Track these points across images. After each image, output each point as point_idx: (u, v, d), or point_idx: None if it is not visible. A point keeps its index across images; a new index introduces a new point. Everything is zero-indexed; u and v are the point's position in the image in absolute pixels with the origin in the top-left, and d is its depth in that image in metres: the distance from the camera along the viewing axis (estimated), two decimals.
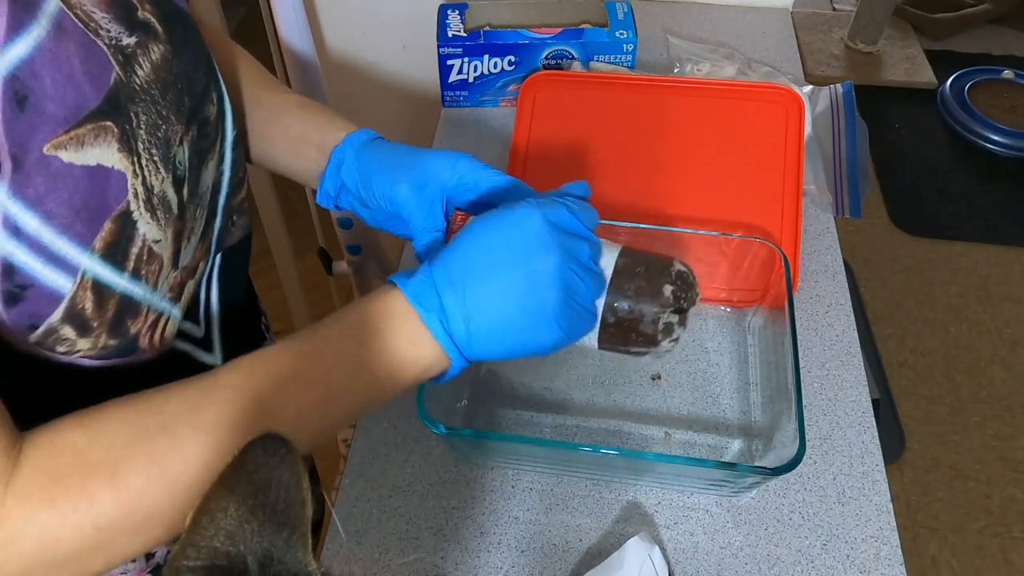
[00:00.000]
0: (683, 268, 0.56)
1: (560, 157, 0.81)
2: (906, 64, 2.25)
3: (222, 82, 0.53)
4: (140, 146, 0.42)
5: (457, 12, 0.93)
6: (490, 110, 0.97)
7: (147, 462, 0.37)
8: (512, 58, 0.91)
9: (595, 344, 0.55)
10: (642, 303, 0.53)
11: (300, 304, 1.63)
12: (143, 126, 0.42)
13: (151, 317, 0.47)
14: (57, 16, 0.38)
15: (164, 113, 0.44)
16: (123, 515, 0.37)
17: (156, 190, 0.44)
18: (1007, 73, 2.32)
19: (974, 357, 1.79)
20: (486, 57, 0.91)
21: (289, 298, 1.61)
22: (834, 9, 2.32)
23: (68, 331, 0.41)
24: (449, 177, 0.55)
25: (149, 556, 0.57)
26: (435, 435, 0.56)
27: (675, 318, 0.54)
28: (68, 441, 0.37)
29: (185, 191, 0.47)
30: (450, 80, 0.93)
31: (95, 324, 0.42)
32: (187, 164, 0.47)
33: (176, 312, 0.50)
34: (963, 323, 1.86)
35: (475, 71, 0.93)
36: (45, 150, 0.37)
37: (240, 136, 0.55)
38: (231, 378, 0.41)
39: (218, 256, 0.55)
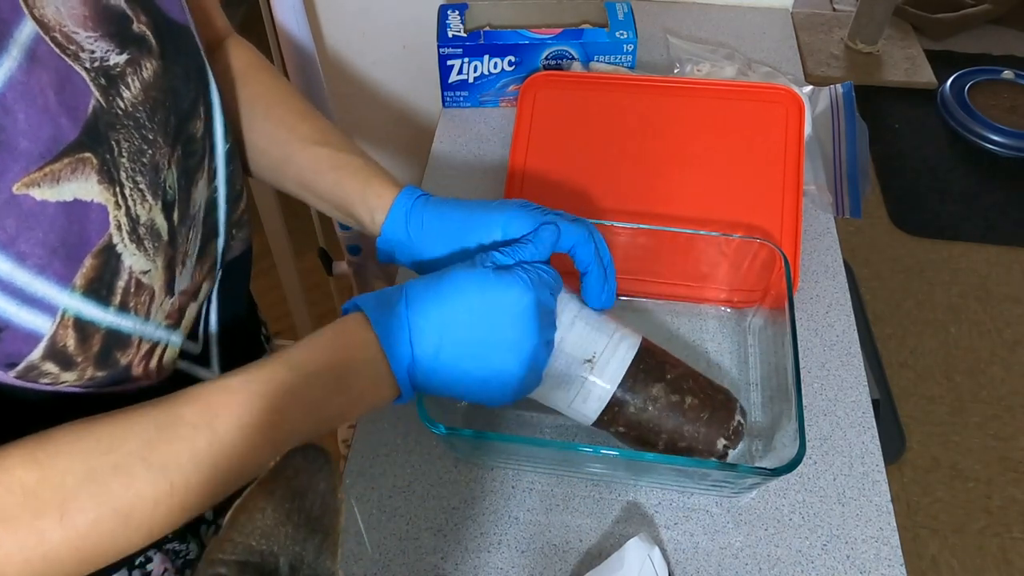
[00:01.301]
0: (741, 420, 0.59)
1: (560, 157, 0.81)
2: (906, 64, 2.25)
3: (215, 94, 0.51)
4: (123, 175, 0.40)
5: (457, 12, 0.93)
6: (490, 110, 0.97)
7: (98, 502, 0.36)
8: (512, 58, 0.91)
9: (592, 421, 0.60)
10: (695, 445, 0.58)
11: (300, 304, 1.63)
12: (125, 154, 0.40)
13: (144, 347, 0.45)
14: (31, 44, 0.35)
15: (151, 137, 0.42)
16: (72, 551, 0.36)
17: (143, 219, 0.42)
18: (1007, 73, 2.32)
19: (974, 357, 1.79)
20: (486, 57, 0.91)
21: (289, 298, 1.61)
22: (834, 9, 2.32)
23: (50, 366, 0.40)
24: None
25: (146, 574, 0.57)
26: (435, 435, 0.56)
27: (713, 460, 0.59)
28: (17, 478, 0.35)
29: (176, 215, 0.45)
30: (450, 80, 0.93)
31: (79, 360, 0.41)
32: (176, 187, 0.45)
33: (175, 338, 0.49)
34: (963, 323, 1.86)
35: (475, 71, 0.93)
36: (15, 189, 0.35)
37: (235, 148, 0.53)
38: (190, 415, 0.40)
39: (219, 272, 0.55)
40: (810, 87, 0.95)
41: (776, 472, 0.53)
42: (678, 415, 0.58)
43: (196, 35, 0.49)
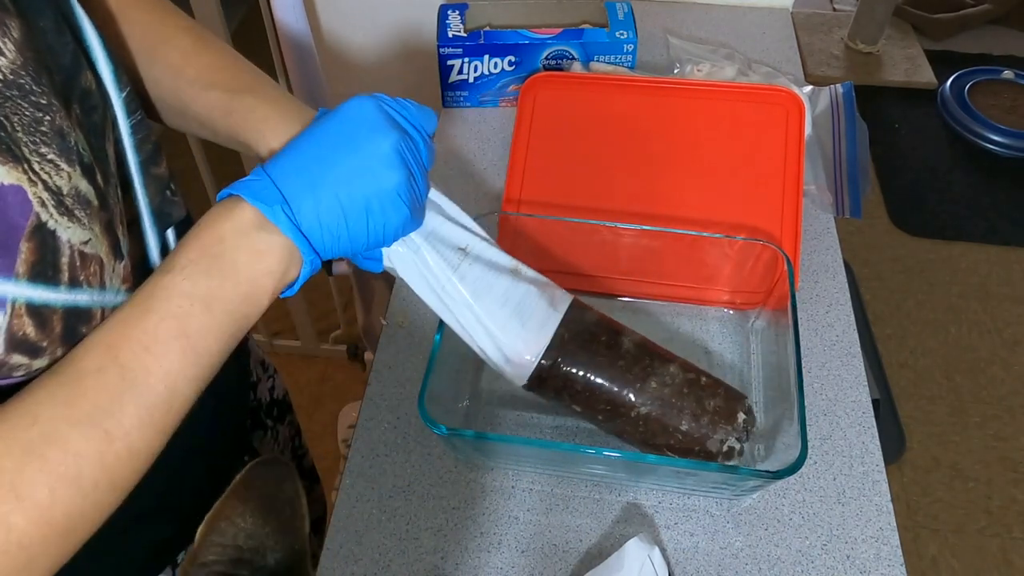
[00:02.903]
0: (746, 416, 0.60)
1: (560, 158, 0.81)
2: (906, 64, 2.25)
3: (93, 39, 0.46)
4: (26, 151, 0.37)
5: (457, 12, 0.93)
6: (490, 110, 0.97)
7: (44, 475, 0.35)
8: (512, 58, 0.91)
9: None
10: (717, 424, 0.58)
11: (300, 304, 1.63)
12: (19, 128, 0.37)
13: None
14: None
15: (44, 102, 0.39)
16: (44, 530, 0.35)
17: (66, 190, 0.39)
18: (1007, 73, 2.31)
19: (974, 357, 1.79)
20: (486, 57, 0.91)
21: (289, 298, 1.60)
22: (834, 9, 2.32)
23: (18, 358, 0.39)
24: None
25: None
26: (436, 435, 0.56)
27: (737, 445, 0.59)
28: None
29: (99, 177, 0.43)
30: (450, 80, 0.93)
31: (45, 344, 0.39)
32: (89, 148, 0.42)
33: None
34: (963, 323, 1.86)
35: (475, 71, 0.93)
36: None
37: (135, 95, 0.49)
38: (91, 360, 0.38)
39: (170, 232, 0.52)
40: (810, 87, 0.95)
41: (777, 475, 0.53)
42: (690, 404, 0.58)
43: None
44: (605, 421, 0.61)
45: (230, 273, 0.42)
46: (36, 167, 0.38)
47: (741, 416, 0.58)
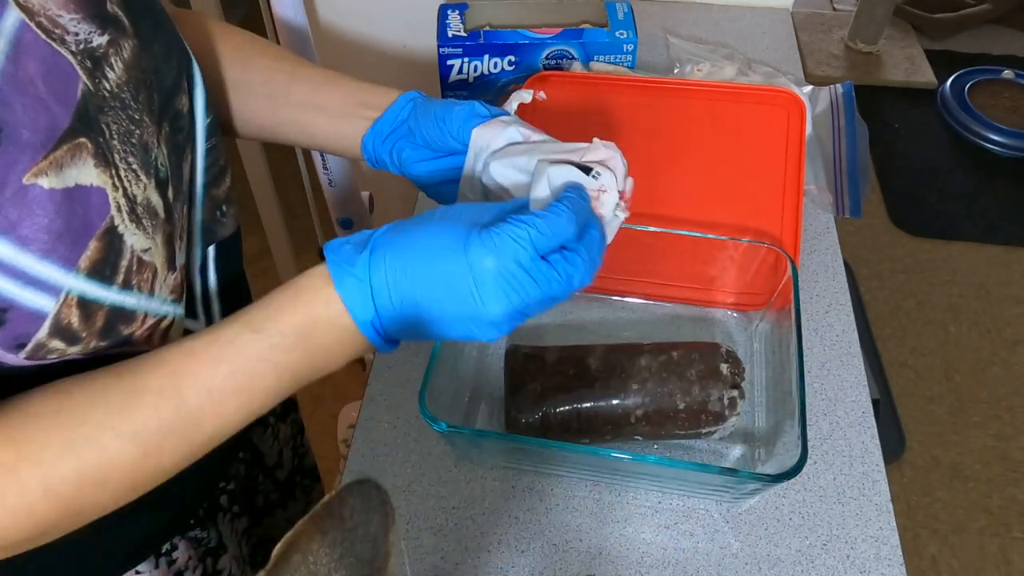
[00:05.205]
0: (730, 348, 0.64)
1: None
2: (906, 64, 2.25)
3: (196, 68, 0.51)
4: (116, 157, 0.41)
5: (457, 12, 0.93)
6: None
7: (76, 474, 0.38)
8: (512, 58, 0.91)
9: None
10: (708, 386, 0.61)
11: None
12: (115, 136, 0.41)
13: (149, 321, 0.46)
14: (16, 33, 0.35)
15: (137, 117, 0.43)
16: (62, 516, 0.39)
17: (139, 199, 0.43)
18: (1007, 73, 2.31)
19: (974, 357, 1.79)
20: (486, 57, 0.91)
21: None
22: (834, 9, 2.32)
23: (57, 343, 0.41)
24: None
25: (171, 562, 0.58)
26: (435, 434, 0.56)
27: (734, 392, 0.61)
28: None
29: (170, 192, 0.46)
30: (450, 80, 0.93)
31: (84, 335, 0.42)
32: (168, 164, 0.46)
33: (180, 311, 0.50)
34: (963, 323, 1.86)
35: (475, 71, 0.93)
36: (25, 180, 0.36)
37: (216, 123, 0.54)
38: (155, 383, 0.40)
39: (211, 248, 0.55)
40: (810, 87, 0.95)
41: (776, 479, 0.53)
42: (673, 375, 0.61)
43: (167, 13, 0.49)
44: (615, 438, 0.63)
45: (311, 352, 0.43)
46: (122, 174, 0.41)
47: (724, 367, 0.61)
